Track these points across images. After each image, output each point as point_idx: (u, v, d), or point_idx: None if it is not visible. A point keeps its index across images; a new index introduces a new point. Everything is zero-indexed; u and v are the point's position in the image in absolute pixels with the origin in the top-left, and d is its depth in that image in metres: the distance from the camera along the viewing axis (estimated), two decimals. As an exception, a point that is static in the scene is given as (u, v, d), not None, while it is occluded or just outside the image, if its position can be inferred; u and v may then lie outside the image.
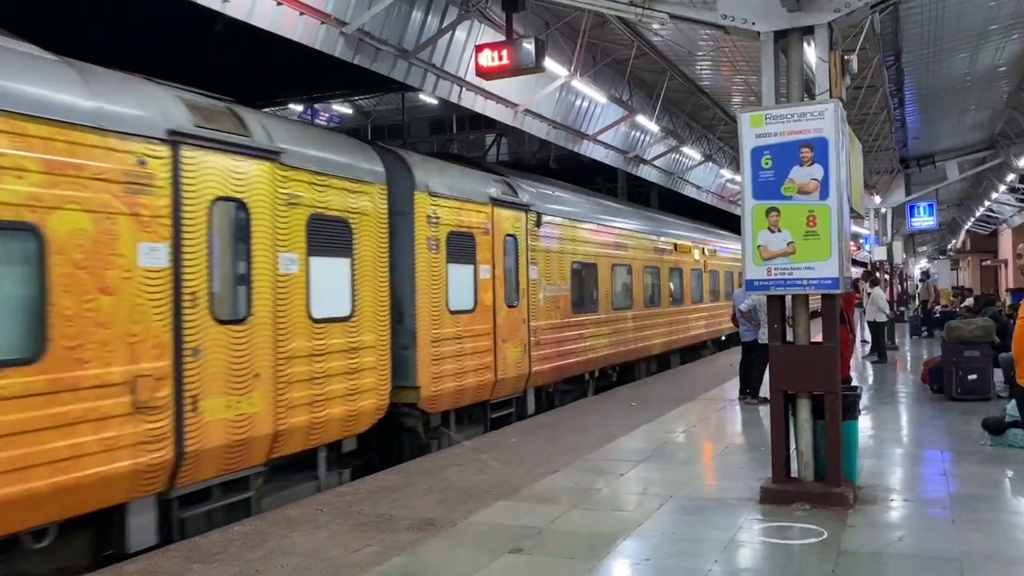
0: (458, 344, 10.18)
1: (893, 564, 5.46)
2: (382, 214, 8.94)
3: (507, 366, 11.36)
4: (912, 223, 30.85)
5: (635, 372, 17.23)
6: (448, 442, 9.92)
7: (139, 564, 5.74)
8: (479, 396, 10.80)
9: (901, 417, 11.70)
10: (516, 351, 11.61)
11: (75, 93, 5.79)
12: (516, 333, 11.64)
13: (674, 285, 19.62)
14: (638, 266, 17.06)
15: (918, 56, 16.31)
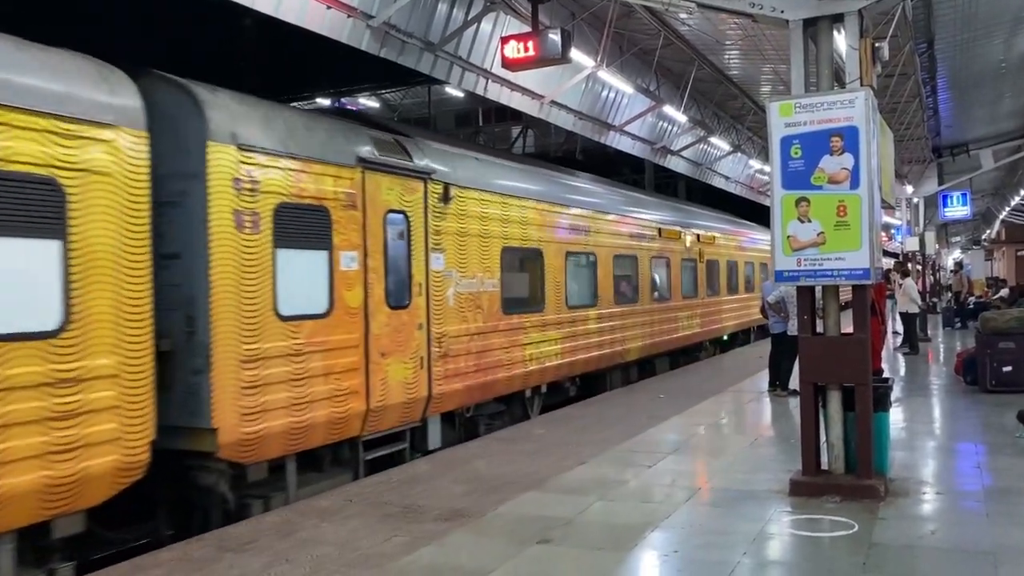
0: (297, 363, 7.34)
1: (925, 557, 5.40)
2: (132, 174, 6.02)
3: (389, 389, 8.46)
4: (945, 213, 30.37)
5: (606, 382, 14.40)
6: (285, 500, 7.32)
7: (173, 552, 5.83)
8: (340, 433, 7.93)
9: (934, 409, 11.55)
10: (405, 368, 8.74)
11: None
12: (405, 344, 8.79)
13: (659, 278, 16.67)
14: (605, 255, 13.92)
15: (951, 42, 16.03)
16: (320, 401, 7.59)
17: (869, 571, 5.10)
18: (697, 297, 19.07)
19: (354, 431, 8.14)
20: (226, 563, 5.54)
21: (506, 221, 11.03)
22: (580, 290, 13.18)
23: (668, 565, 5.35)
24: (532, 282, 11.86)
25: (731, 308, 21.70)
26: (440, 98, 27.38)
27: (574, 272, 12.90)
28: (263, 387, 7.00)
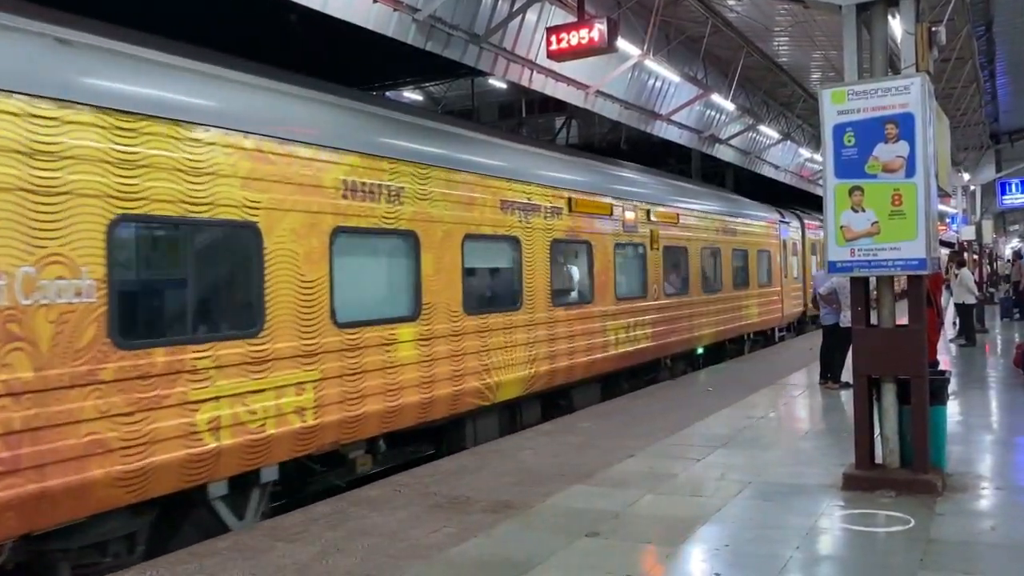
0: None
1: (985, 554, 5.27)
2: None
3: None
4: (1003, 201, 29.54)
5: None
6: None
7: (227, 541, 5.94)
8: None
9: (991, 402, 11.26)
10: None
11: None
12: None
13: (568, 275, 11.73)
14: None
15: (1011, 25, 15.58)
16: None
17: (927, 567, 4.99)
18: (641, 299, 13.28)
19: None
20: (278, 552, 5.62)
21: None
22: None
23: (719, 559, 5.29)
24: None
25: (706, 311, 15.94)
26: (483, 90, 27.39)
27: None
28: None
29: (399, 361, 7.95)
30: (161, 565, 5.44)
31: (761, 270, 19.66)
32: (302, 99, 7.39)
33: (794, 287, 22.65)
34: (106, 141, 5.53)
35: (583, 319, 11.47)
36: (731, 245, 17.42)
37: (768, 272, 20.26)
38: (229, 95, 6.58)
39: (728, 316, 17.10)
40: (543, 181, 10.71)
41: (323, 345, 7.06)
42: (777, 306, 20.97)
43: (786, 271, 21.82)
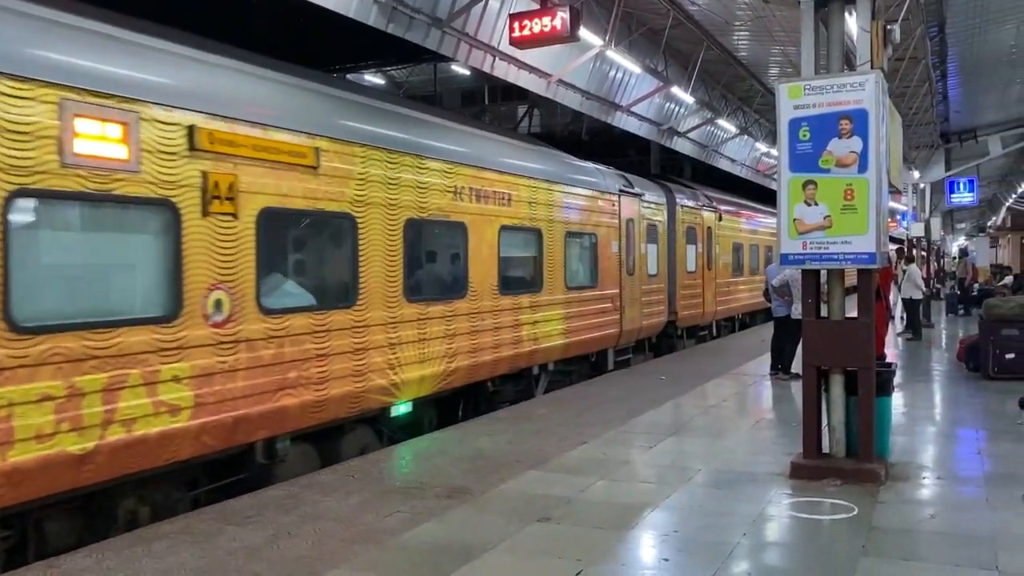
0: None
1: (925, 542, 5.43)
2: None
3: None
4: (951, 199, 30.26)
5: None
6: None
7: (175, 524, 5.87)
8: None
9: (935, 395, 11.57)
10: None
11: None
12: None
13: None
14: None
15: (963, 26, 15.92)
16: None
17: (868, 554, 5.13)
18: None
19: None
20: (228, 536, 5.57)
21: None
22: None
23: (668, 545, 5.38)
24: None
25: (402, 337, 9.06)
26: (446, 75, 27.23)
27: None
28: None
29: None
30: (108, 548, 5.35)
31: (575, 264, 12.86)
32: None
33: (650, 289, 15.54)
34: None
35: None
36: (498, 222, 10.48)
37: (591, 267, 13.25)
38: None
39: (477, 341, 9.88)
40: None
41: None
42: (611, 318, 13.69)
43: (632, 265, 14.60)
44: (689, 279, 18.07)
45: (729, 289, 21.22)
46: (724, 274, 20.78)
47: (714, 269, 19.80)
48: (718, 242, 20.22)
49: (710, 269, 19.43)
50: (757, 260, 24.47)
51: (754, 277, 23.36)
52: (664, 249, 16.59)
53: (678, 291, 17.29)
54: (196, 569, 4.98)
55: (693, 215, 18.50)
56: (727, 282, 21.08)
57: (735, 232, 22.20)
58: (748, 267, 23.24)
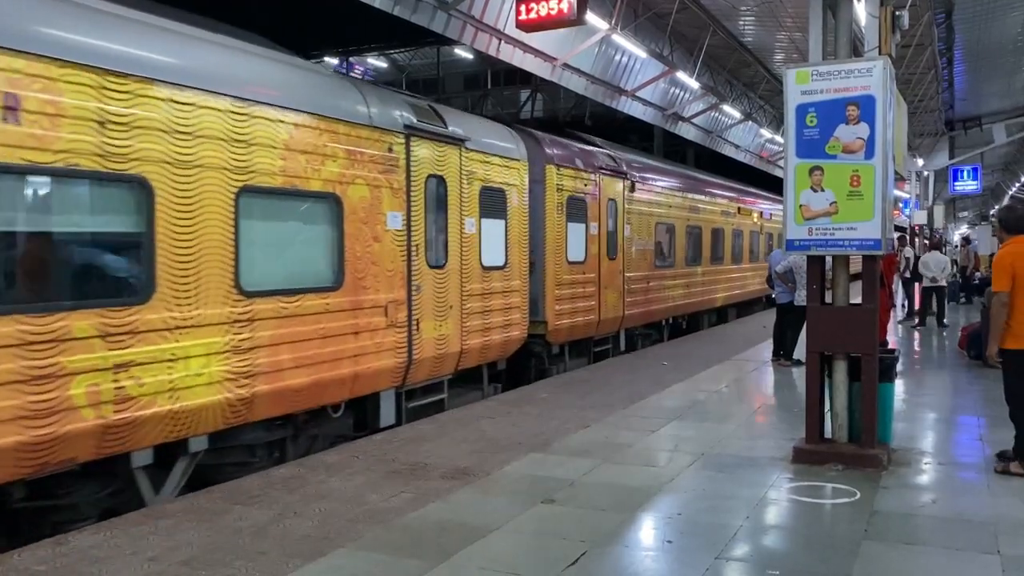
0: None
1: (926, 526, 5.46)
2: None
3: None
4: (955, 187, 30.21)
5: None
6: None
7: (183, 503, 5.92)
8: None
9: (937, 382, 11.59)
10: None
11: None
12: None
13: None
14: None
15: (970, 13, 15.86)
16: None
17: (870, 538, 5.17)
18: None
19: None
20: (235, 515, 5.62)
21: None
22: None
23: (671, 527, 5.42)
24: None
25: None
26: (449, 59, 27.18)
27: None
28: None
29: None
30: (116, 526, 5.40)
31: (276, 249, 7.42)
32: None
33: (487, 288, 10.28)
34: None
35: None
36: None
37: (331, 255, 7.84)
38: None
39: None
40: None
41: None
42: (384, 341, 8.38)
43: (440, 252, 9.42)
44: (572, 273, 12.33)
45: (650, 286, 15.47)
46: (641, 265, 15.10)
47: (621, 258, 14.19)
48: (631, 221, 14.58)
49: (613, 258, 13.85)
50: (721, 247, 20.12)
51: (699, 268, 18.48)
52: (518, 228, 10.93)
53: (548, 291, 11.74)
54: (203, 546, 5.03)
55: (582, 181, 12.64)
56: (647, 276, 15.35)
57: (664, 209, 16.37)
58: (685, 255, 17.58)
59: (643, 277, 15.18)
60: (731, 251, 21.07)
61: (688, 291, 17.74)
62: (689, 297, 17.85)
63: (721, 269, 20.18)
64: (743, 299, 22.68)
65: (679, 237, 17.24)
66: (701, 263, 18.63)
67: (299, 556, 4.87)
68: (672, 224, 16.83)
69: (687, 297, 17.68)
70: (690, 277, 17.86)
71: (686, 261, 17.66)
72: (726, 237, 20.54)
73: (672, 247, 16.82)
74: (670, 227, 16.75)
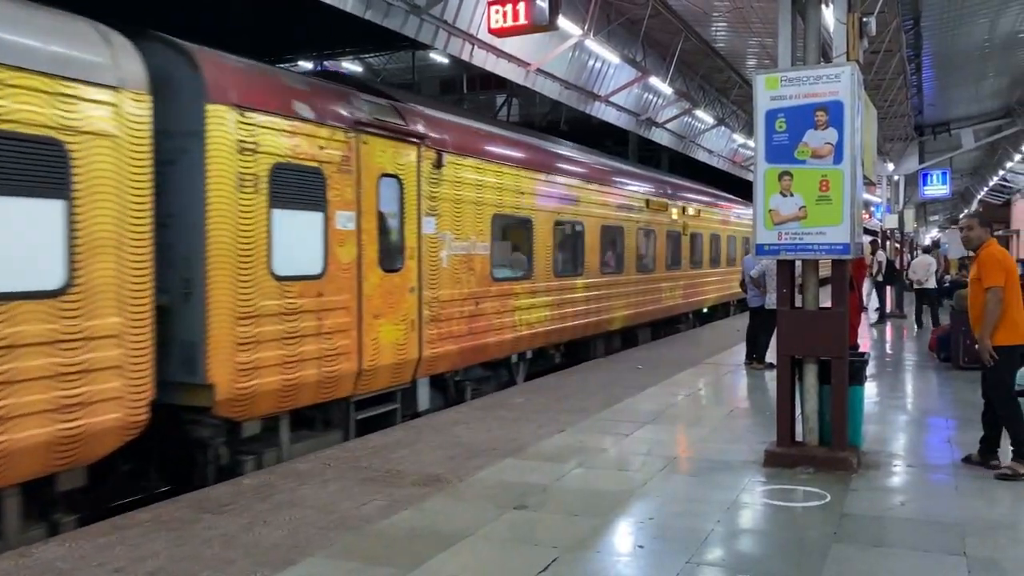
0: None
1: (895, 528, 5.51)
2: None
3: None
4: (925, 191, 30.57)
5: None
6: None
7: (150, 512, 5.83)
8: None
9: (907, 384, 11.72)
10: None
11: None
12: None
13: None
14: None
15: (937, 20, 16.07)
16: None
17: (840, 540, 5.20)
18: None
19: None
20: (204, 524, 5.55)
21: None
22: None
23: (643, 532, 5.42)
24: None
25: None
26: (425, 64, 27.10)
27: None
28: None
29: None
30: (81, 536, 5.32)
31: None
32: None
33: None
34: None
35: None
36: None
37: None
38: None
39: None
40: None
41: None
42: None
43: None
44: (288, 295, 7.57)
45: (483, 309, 10.66)
46: (463, 279, 10.24)
47: (416, 269, 9.31)
48: (438, 211, 9.74)
49: (395, 269, 8.96)
50: (622, 252, 15.42)
51: (581, 281, 13.53)
52: (106, 218, 5.90)
53: (219, 329, 6.89)
54: (170, 557, 4.96)
55: (313, 140, 7.89)
56: (476, 295, 10.49)
57: (512, 197, 11.45)
58: (553, 263, 12.63)
59: (467, 297, 10.29)
60: (639, 257, 16.26)
61: (560, 312, 12.79)
62: (564, 320, 12.92)
63: (623, 280, 15.37)
64: (666, 315, 18.40)
65: (542, 238, 12.19)
66: (586, 274, 13.76)
67: (269, 565, 4.82)
68: (528, 219, 11.88)
69: (560, 320, 12.81)
70: (565, 292, 12.98)
71: (556, 271, 12.67)
72: (631, 238, 15.80)
73: (531, 252, 11.95)
74: (524, 223, 11.84)
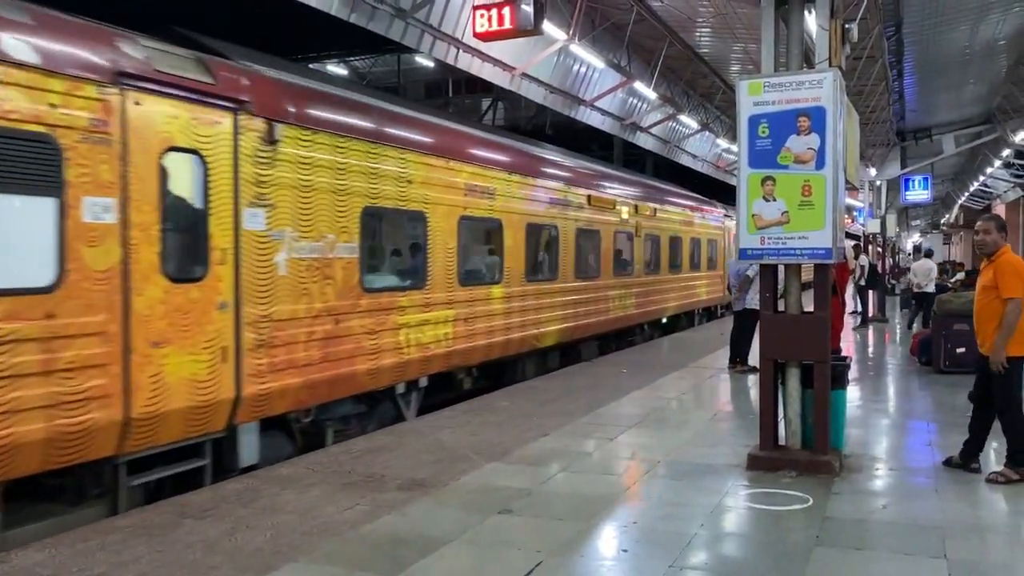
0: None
1: (876, 531, 5.54)
2: None
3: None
4: (906, 196, 30.85)
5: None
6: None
7: (132, 518, 5.78)
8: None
9: (889, 388, 11.80)
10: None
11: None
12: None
13: None
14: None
15: (919, 27, 16.23)
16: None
17: (822, 544, 5.23)
18: None
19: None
20: (185, 529, 5.51)
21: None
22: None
23: (627, 536, 5.43)
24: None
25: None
26: (410, 67, 27.13)
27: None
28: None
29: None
30: (62, 542, 5.26)
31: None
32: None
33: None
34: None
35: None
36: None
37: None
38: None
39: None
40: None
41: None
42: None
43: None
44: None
45: (346, 329, 8.33)
46: (311, 291, 7.91)
47: (230, 277, 6.97)
48: (272, 201, 7.45)
49: (192, 279, 6.65)
50: (542, 255, 12.98)
51: (498, 290, 11.22)
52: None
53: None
54: (152, 562, 4.92)
55: (49, 97, 5.58)
56: (333, 310, 8.18)
57: (392, 185, 9.06)
58: (458, 267, 10.24)
59: (322, 314, 7.99)
60: (579, 261, 14.01)
61: (469, 328, 10.47)
62: (473, 338, 10.56)
63: (557, 289, 13.11)
64: (614, 327, 16.04)
65: (440, 238, 9.86)
66: (506, 281, 11.43)
67: (251, 571, 4.79)
68: (421, 214, 9.54)
69: (468, 338, 10.45)
70: (477, 304, 10.66)
71: (462, 279, 10.33)
72: (568, 240, 13.47)
73: (425, 256, 9.64)
74: (414, 219, 9.59)
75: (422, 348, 9.51)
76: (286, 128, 7.59)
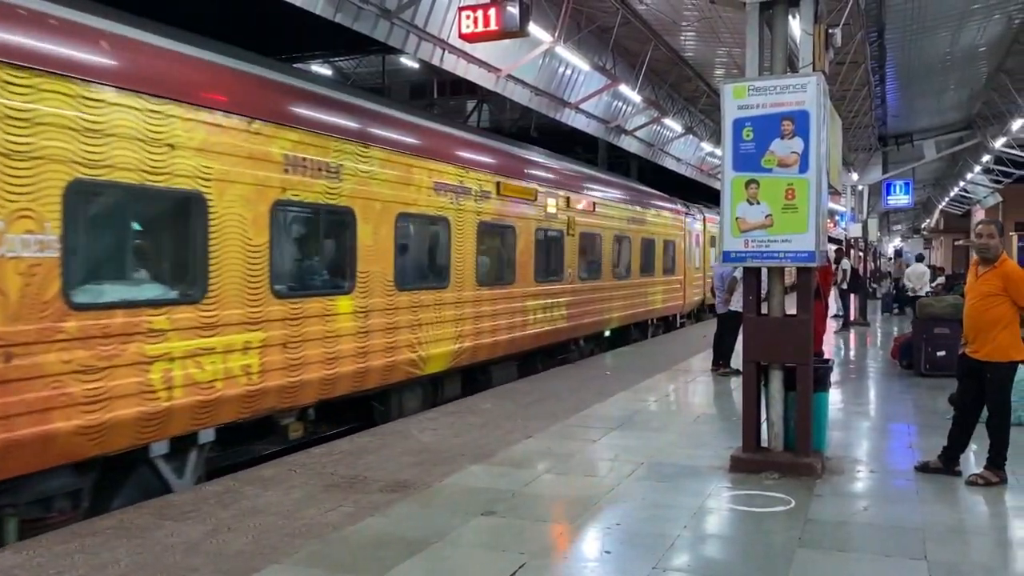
0: None
1: (858, 533, 5.57)
2: None
3: None
4: (888, 201, 31.07)
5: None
6: None
7: (112, 519, 5.73)
8: None
9: (870, 391, 11.88)
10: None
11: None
12: None
13: None
14: None
15: (901, 33, 16.36)
16: None
17: (804, 546, 5.25)
18: None
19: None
20: (166, 531, 5.46)
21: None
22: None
23: (610, 537, 5.43)
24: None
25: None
26: (395, 68, 27.06)
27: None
28: None
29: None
30: (40, 544, 5.20)
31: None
32: None
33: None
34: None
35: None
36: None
37: None
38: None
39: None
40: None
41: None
42: None
43: None
44: None
45: (13, 367, 5.32)
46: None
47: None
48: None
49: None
50: (429, 255, 10.72)
51: (333, 302, 8.40)
52: None
53: None
54: (131, 564, 4.87)
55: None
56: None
57: (145, 152, 6.19)
58: (267, 271, 7.46)
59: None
60: (482, 264, 11.57)
61: (290, 356, 7.79)
62: (298, 370, 7.88)
63: (448, 299, 10.55)
64: (536, 344, 13.32)
65: (230, 228, 7.06)
66: (359, 290, 8.79)
67: (232, 573, 4.75)
68: (196, 196, 6.77)
69: (287, 371, 7.75)
70: (307, 323, 8.01)
71: (274, 287, 7.58)
72: (465, 237, 10.94)
73: (204, 255, 6.85)
74: (182, 203, 6.74)
75: (198, 389, 6.77)
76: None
